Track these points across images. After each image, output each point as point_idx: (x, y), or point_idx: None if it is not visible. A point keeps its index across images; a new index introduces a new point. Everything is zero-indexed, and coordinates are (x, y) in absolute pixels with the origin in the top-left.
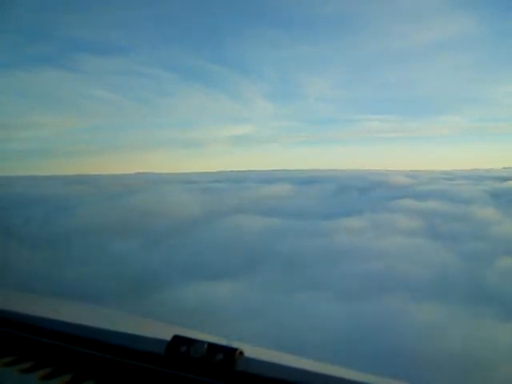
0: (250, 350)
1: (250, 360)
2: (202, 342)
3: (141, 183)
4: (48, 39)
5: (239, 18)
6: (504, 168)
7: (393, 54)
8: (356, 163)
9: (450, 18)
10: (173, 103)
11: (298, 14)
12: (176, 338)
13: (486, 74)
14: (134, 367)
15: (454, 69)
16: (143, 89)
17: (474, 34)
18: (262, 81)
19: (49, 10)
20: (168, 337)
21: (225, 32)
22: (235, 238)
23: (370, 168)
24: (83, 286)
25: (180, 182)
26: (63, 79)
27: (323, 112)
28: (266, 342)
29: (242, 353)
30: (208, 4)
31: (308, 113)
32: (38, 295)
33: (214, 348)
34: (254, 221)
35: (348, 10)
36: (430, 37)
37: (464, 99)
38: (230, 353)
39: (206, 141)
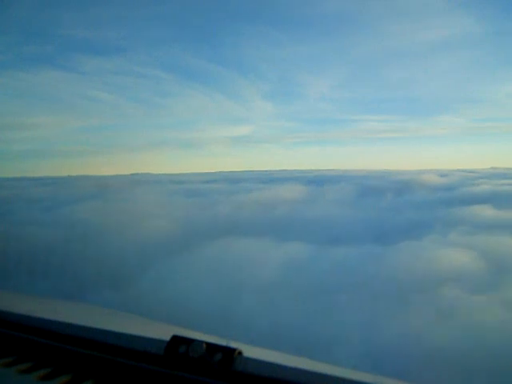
0: (249, 350)
1: (248, 360)
2: (200, 342)
3: (126, 184)
4: (46, 39)
5: (238, 18)
6: None
7: (394, 54)
8: (358, 163)
9: (451, 17)
10: (171, 103)
11: (297, 13)
12: (175, 338)
13: (488, 74)
14: (133, 367)
15: (455, 68)
16: (142, 89)
17: (475, 34)
18: (262, 81)
19: (47, 10)
20: (167, 337)
21: (224, 32)
22: (220, 307)
23: (376, 168)
24: None
25: (173, 182)
26: (61, 79)
27: (323, 112)
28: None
29: (240, 353)
30: (207, 4)
31: (307, 113)
32: (37, 296)
33: (212, 348)
34: (259, 250)
35: (347, 9)
36: (431, 36)
37: (465, 99)
38: (229, 353)
39: (205, 141)
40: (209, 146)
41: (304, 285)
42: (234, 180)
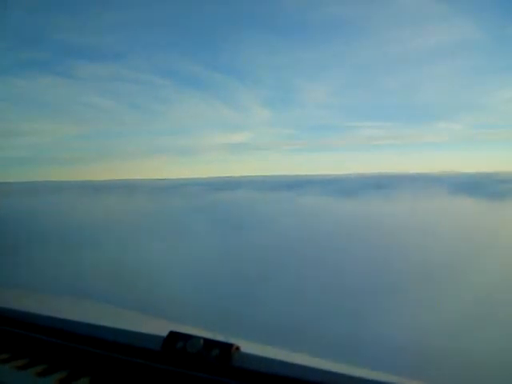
0: (247, 346)
1: (246, 355)
2: (198, 338)
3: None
4: (42, 44)
5: (236, 24)
6: None
7: (391, 60)
8: (363, 169)
9: (449, 23)
10: (169, 110)
11: (295, 19)
12: (172, 333)
13: (484, 80)
14: (131, 363)
15: (453, 75)
16: (139, 95)
17: (472, 40)
18: (259, 87)
19: (43, 14)
20: (164, 333)
21: (221, 37)
22: None
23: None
24: None
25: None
26: (57, 85)
27: (320, 119)
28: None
29: (238, 348)
30: (204, 9)
31: (305, 120)
32: (33, 292)
33: (210, 343)
34: None
35: (346, 16)
36: (428, 42)
37: (463, 105)
38: (227, 348)
39: (202, 148)
40: (205, 153)
41: None
42: (227, 186)
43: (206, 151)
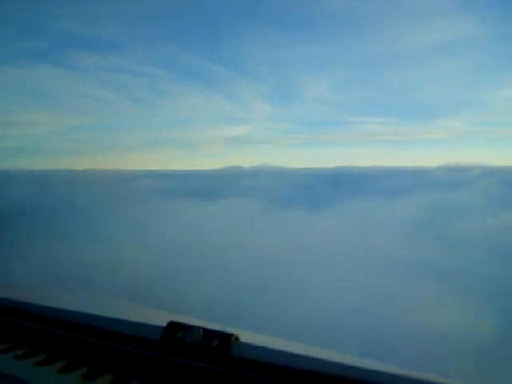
0: (246, 336)
1: (245, 345)
2: (197, 328)
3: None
4: (40, 34)
5: (237, 17)
6: None
7: (392, 56)
8: (362, 164)
9: (451, 20)
10: (168, 102)
11: (296, 13)
12: (172, 323)
13: (486, 78)
14: (130, 353)
15: (453, 72)
16: (138, 87)
17: (474, 37)
18: (260, 81)
19: (42, 4)
20: (164, 323)
21: (222, 30)
22: None
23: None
24: None
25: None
26: (56, 76)
27: (320, 114)
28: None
29: (237, 338)
30: (205, 2)
31: (305, 114)
32: (33, 283)
33: (209, 333)
34: None
35: (347, 11)
36: (430, 39)
37: (463, 103)
38: (226, 338)
39: (202, 141)
40: (205, 146)
41: None
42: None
43: (206, 145)
